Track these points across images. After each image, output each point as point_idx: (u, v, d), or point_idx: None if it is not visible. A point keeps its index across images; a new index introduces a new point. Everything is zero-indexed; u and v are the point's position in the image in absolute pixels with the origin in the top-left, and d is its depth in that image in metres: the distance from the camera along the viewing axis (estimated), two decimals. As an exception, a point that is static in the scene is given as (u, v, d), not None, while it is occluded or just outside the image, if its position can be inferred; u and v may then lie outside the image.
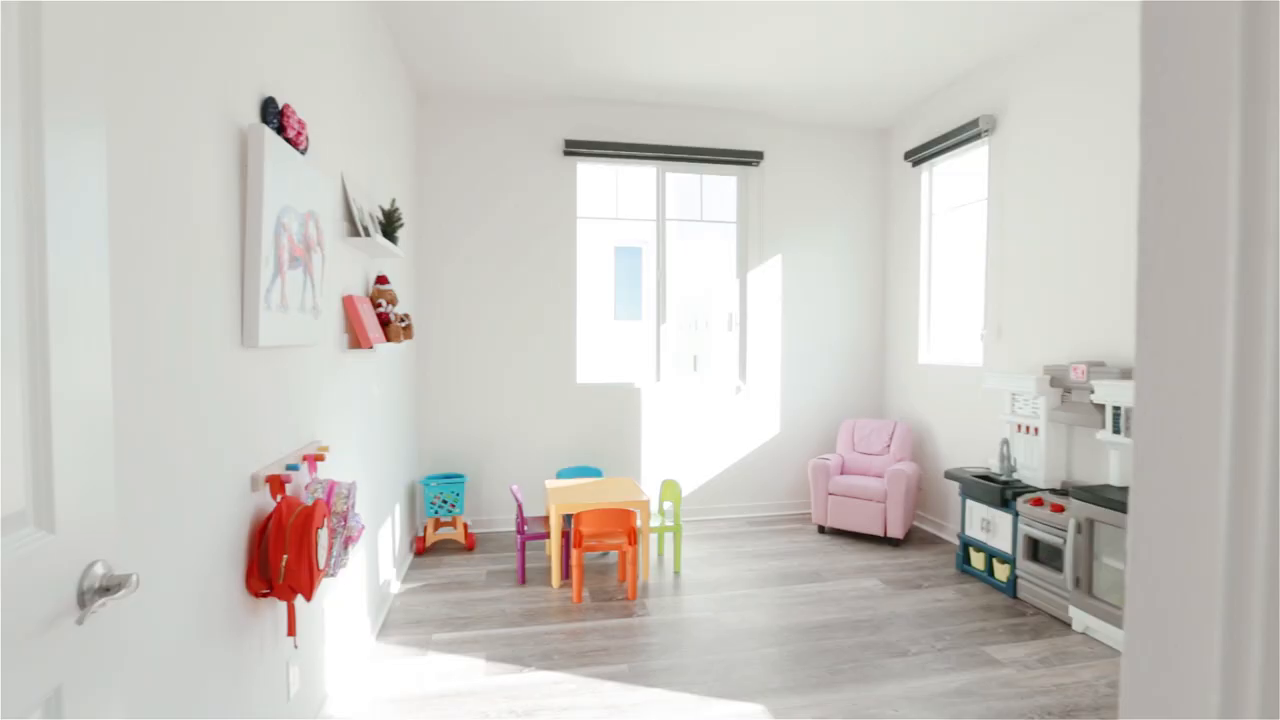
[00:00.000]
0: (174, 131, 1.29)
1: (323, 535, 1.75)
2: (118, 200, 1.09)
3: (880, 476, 4.47)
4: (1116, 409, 2.91)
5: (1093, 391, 3.07)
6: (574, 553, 3.34)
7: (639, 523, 3.51)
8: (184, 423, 1.32)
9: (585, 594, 3.44)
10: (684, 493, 4.86)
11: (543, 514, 4.19)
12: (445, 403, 4.50)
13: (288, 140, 1.83)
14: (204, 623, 1.41)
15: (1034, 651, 2.83)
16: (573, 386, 4.69)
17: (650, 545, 4.02)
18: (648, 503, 3.59)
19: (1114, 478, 3.02)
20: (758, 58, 3.87)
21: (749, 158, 4.80)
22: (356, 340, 2.63)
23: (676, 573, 3.80)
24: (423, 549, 4.05)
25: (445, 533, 4.15)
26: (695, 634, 3.01)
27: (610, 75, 4.14)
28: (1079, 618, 3.00)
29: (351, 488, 2.09)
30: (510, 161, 4.53)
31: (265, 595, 1.67)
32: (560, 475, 4.35)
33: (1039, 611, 3.22)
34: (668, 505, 4.18)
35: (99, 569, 0.89)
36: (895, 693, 2.51)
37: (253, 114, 1.68)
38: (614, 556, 4.01)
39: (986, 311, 4.07)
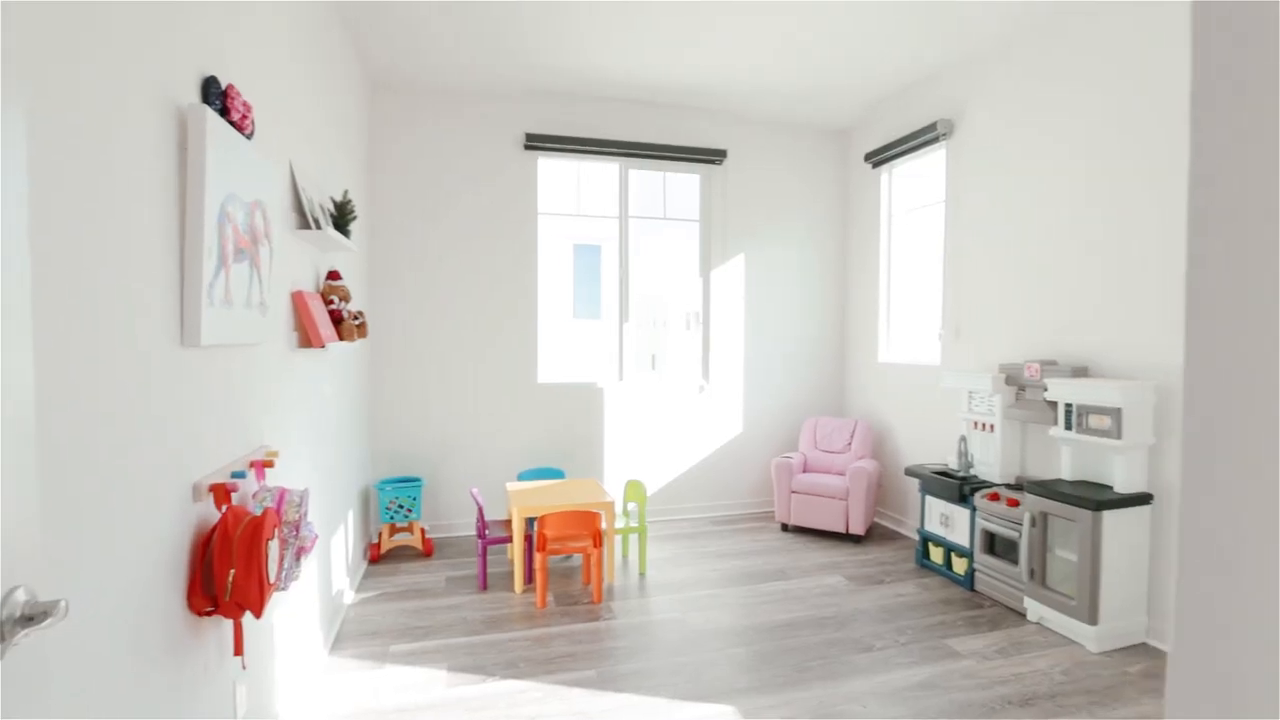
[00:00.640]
0: (105, 109, 1.17)
1: (273, 547, 1.64)
2: (42, 185, 0.98)
3: (842, 474, 4.53)
4: (1068, 406, 3.00)
5: (1046, 389, 3.17)
6: (537, 556, 3.26)
7: (604, 524, 3.45)
8: (118, 429, 1.21)
9: (549, 599, 3.37)
10: (647, 493, 4.82)
11: (504, 517, 4.10)
12: (401, 404, 4.34)
13: (232, 123, 1.70)
14: (141, 646, 1.29)
15: (992, 643, 2.90)
16: (534, 386, 4.59)
17: (615, 547, 3.97)
18: (612, 504, 3.54)
19: (1065, 472, 3.13)
20: (724, 56, 3.86)
21: (712, 156, 4.79)
22: (307, 338, 2.49)
23: (642, 574, 3.76)
24: (377, 556, 3.89)
25: (401, 539, 4.00)
26: (662, 636, 2.98)
27: (575, 69, 4.06)
28: (1033, 608, 3.09)
29: (304, 495, 1.97)
30: (468, 155, 4.40)
31: (210, 613, 1.55)
32: (521, 477, 4.25)
33: (995, 603, 3.31)
34: (632, 506, 4.13)
35: (20, 596, 0.79)
36: (862, 688, 2.53)
37: (193, 93, 1.55)
38: (577, 559, 3.95)
39: (944, 311, 4.17)
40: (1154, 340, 2.89)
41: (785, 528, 4.61)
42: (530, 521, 3.58)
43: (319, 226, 2.54)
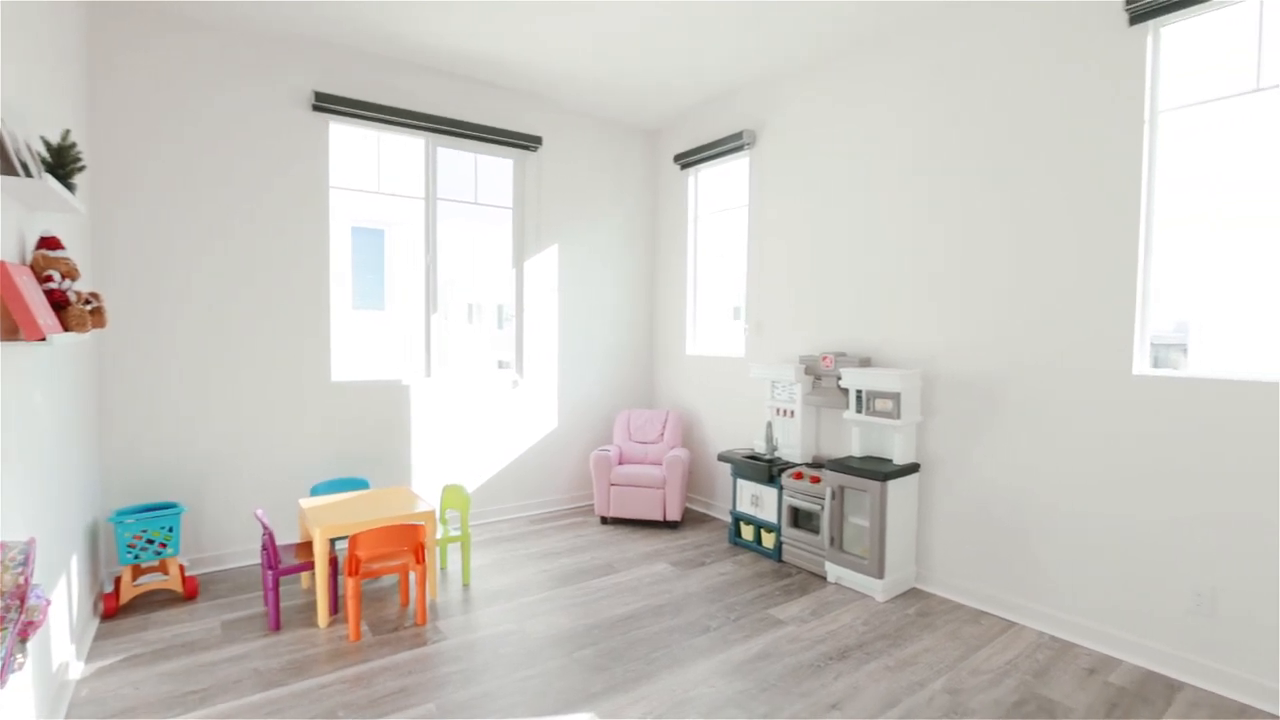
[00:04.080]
0: None
1: (-9, 628, 1.14)
2: None
3: (658, 464, 4.68)
4: (859, 392, 3.45)
5: (840, 378, 3.60)
6: (349, 582, 2.81)
7: (427, 537, 3.10)
8: None
9: (364, 628, 2.93)
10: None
11: (298, 540, 3.49)
12: (148, 411, 3.42)
13: (-104, 4, 1.13)
14: None
15: (805, 606, 3.22)
16: (327, 386, 3.97)
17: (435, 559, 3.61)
18: (433, 513, 3.21)
19: (855, 449, 3.59)
20: (544, 38, 3.69)
21: (528, 141, 4.60)
22: (14, 328, 1.80)
23: (466, 585, 3.47)
24: (115, 609, 3.02)
25: (151, 582, 3.16)
26: (502, 651, 2.77)
27: (378, 23, 3.56)
28: (833, 570, 3.51)
29: (28, 549, 1.43)
30: (238, 107, 3.62)
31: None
32: (316, 491, 3.64)
33: (801, 570, 3.69)
34: (451, 513, 3.81)
35: None
36: (707, 669, 2.62)
37: None
38: (388, 579, 3.51)
39: (748, 307, 4.53)
40: (917, 335, 3.45)
41: (605, 520, 4.64)
42: (333, 542, 3.08)
43: (29, 174, 1.85)
